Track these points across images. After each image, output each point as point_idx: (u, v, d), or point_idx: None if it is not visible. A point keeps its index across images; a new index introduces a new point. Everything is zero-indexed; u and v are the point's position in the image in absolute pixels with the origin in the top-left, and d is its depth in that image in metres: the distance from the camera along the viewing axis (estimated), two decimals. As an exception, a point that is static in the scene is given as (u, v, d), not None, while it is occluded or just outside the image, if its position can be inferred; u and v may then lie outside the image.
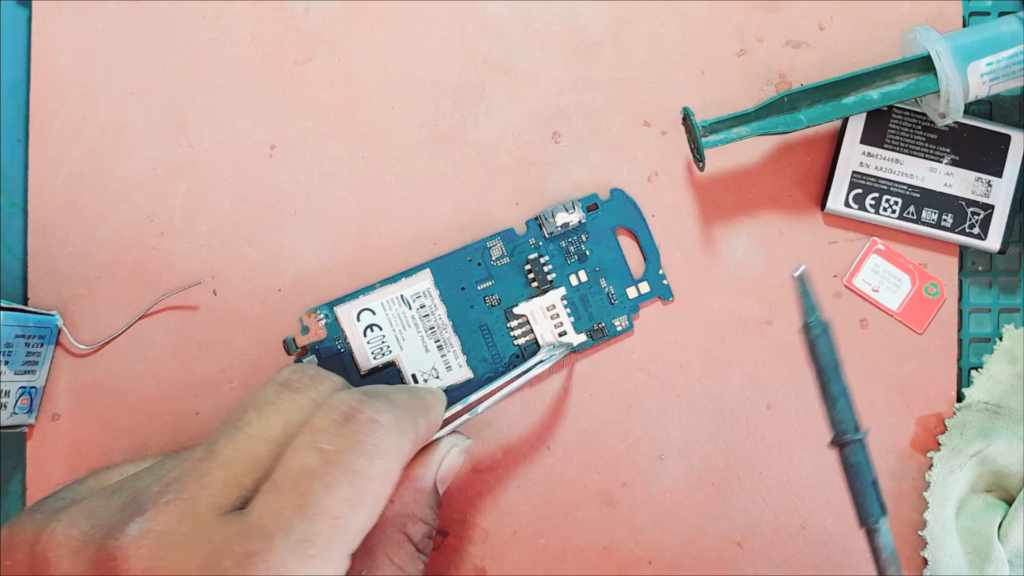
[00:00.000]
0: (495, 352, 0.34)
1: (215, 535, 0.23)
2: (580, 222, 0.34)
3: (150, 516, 0.23)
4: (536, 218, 0.34)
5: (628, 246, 0.35)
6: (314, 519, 0.23)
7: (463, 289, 0.34)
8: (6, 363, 0.32)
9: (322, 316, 0.34)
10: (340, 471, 0.23)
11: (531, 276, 0.34)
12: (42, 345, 0.34)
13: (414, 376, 0.34)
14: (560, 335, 0.34)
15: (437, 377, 0.34)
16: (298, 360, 0.34)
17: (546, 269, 0.34)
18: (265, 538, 0.22)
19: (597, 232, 0.34)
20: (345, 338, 0.34)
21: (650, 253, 0.35)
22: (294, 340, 0.34)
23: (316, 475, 0.23)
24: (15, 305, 0.33)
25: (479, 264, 0.34)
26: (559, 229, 0.34)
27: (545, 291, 0.34)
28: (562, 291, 0.34)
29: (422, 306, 0.34)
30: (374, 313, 0.34)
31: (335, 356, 0.34)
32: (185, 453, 0.26)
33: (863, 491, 0.26)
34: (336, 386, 0.27)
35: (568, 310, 0.34)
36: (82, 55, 0.35)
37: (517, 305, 0.34)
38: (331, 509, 0.23)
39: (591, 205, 0.35)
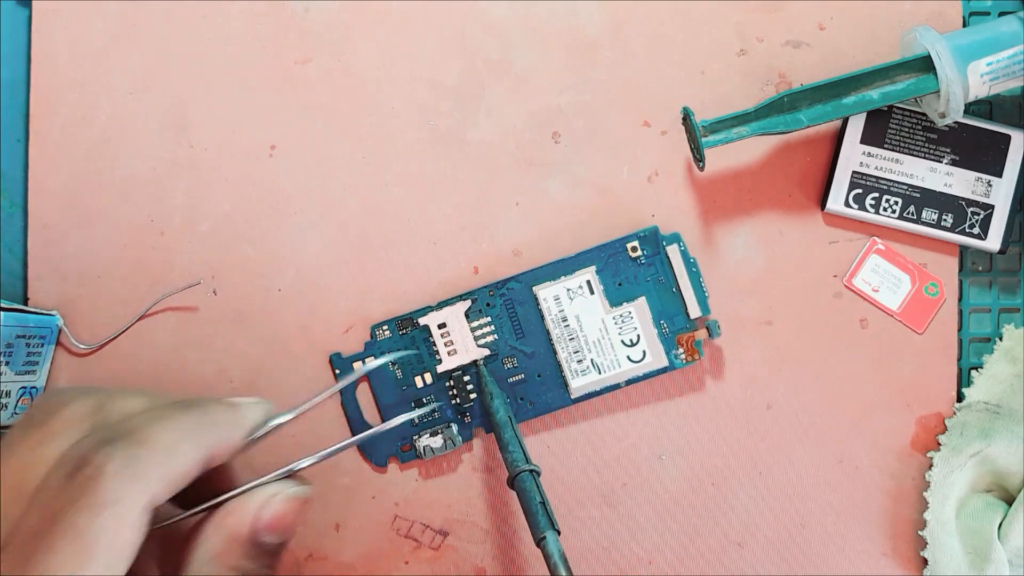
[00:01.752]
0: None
1: None
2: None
3: None
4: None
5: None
6: None
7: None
8: (7, 363, 0.32)
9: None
10: (60, 530, 0.23)
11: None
12: (42, 345, 0.34)
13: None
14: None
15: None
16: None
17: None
18: None
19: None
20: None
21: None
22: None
23: (39, 536, 0.23)
24: (15, 305, 0.33)
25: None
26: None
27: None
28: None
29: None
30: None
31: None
32: None
33: (533, 511, 0.29)
34: (86, 411, 0.25)
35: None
36: (82, 55, 0.35)
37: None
38: (54, 569, 0.22)
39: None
